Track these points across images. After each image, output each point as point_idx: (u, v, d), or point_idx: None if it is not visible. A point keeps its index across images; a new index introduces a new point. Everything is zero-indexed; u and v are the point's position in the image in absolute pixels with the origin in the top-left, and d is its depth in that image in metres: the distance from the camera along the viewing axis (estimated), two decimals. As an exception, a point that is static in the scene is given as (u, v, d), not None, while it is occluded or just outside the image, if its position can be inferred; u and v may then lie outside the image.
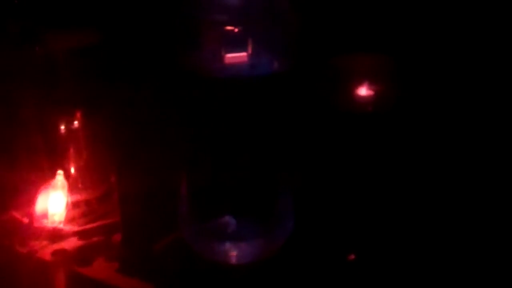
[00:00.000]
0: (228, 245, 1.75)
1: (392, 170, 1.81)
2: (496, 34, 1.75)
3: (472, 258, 1.69)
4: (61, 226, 1.96)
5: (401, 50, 1.77)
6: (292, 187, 1.81)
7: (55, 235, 1.93)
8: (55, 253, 1.87)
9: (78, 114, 2.01)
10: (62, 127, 2.02)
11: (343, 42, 1.78)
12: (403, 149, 1.81)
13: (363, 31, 1.77)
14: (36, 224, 1.95)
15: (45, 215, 1.97)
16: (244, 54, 1.66)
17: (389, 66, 1.78)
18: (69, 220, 1.98)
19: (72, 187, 2.02)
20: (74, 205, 2.01)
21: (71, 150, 2.04)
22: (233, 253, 1.76)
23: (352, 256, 1.77)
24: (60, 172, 1.99)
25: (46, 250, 1.88)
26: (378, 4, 1.77)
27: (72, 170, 2.04)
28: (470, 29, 1.75)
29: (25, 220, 1.97)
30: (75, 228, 1.96)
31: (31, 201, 1.97)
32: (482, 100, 1.78)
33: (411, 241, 1.75)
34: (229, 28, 1.65)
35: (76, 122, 2.02)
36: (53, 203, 1.97)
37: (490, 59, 1.76)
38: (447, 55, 1.78)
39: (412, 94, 1.78)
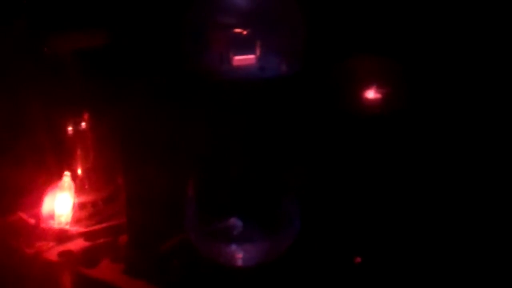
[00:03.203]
0: (234, 247, 1.75)
1: (399, 173, 1.81)
2: (504, 38, 1.75)
3: (476, 260, 1.69)
4: (67, 227, 1.96)
5: (409, 53, 1.77)
6: (299, 189, 1.81)
7: (62, 236, 1.93)
8: (61, 254, 1.87)
9: (85, 116, 2.02)
10: (69, 129, 2.02)
11: (351, 45, 1.78)
12: (410, 151, 1.82)
13: (371, 34, 1.77)
14: (42, 225, 1.95)
15: (51, 216, 1.97)
16: (252, 56, 1.67)
17: (396, 69, 1.78)
18: (76, 221, 1.99)
19: (79, 188, 2.02)
20: (80, 207, 2.01)
21: (78, 152, 2.04)
22: (239, 255, 1.76)
23: (359, 259, 1.77)
24: (67, 174, 2.00)
25: (52, 251, 1.88)
26: (386, 7, 1.77)
27: (79, 171, 2.05)
28: (477, 32, 1.76)
29: (32, 221, 1.97)
30: (82, 229, 1.97)
31: (38, 202, 1.98)
32: (490, 104, 1.78)
33: (418, 244, 1.75)
34: (237, 30, 1.66)
35: (83, 124, 2.02)
36: (60, 204, 1.98)
37: (497, 63, 1.76)
38: (454, 59, 1.78)
39: (420, 97, 1.78)
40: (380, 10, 1.78)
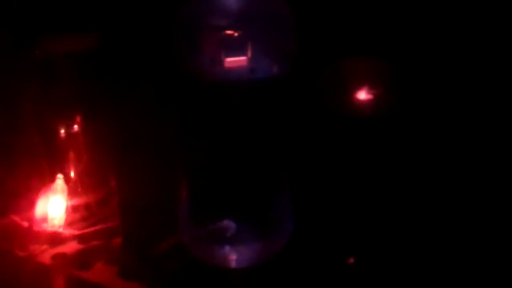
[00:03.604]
0: (227, 249, 1.76)
1: (391, 173, 1.82)
2: (493, 39, 1.75)
3: (471, 259, 1.69)
4: (61, 230, 1.96)
5: (400, 54, 1.77)
6: (291, 190, 1.81)
7: (55, 239, 1.93)
8: (55, 257, 1.87)
9: (78, 118, 2.02)
10: (62, 131, 2.02)
11: (342, 46, 1.78)
12: (402, 152, 1.82)
13: (362, 35, 1.78)
14: (36, 228, 1.95)
15: (45, 219, 1.97)
16: (243, 58, 1.67)
17: (388, 70, 1.78)
18: (69, 224, 1.99)
19: (72, 191, 2.02)
20: (74, 209, 2.01)
21: (71, 154, 2.04)
22: (233, 256, 1.76)
23: (352, 259, 1.77)
24: (60, 176, 2.00)
25: (46, 254, 1.88)
26: (378, 8, 1.78)
27: (72, 174, 2.05)
28: (468, 33, 1.76)
29: (25, 224, 1.97)
30: (75, 232, 1.97)
31: (31, 205, 1.98)
32: (481, 104, 1.78)
33: (411, 244, 1.75)
34: (228, 32, 1.66)
35: (76, 126, 2.02)
36: (53, 207, 1.98)
37: (487, 63, 1.76)
38: (445, 59, 1.78)
39: (411, 98, 1.78)
40: (372, 12, 1.78)
